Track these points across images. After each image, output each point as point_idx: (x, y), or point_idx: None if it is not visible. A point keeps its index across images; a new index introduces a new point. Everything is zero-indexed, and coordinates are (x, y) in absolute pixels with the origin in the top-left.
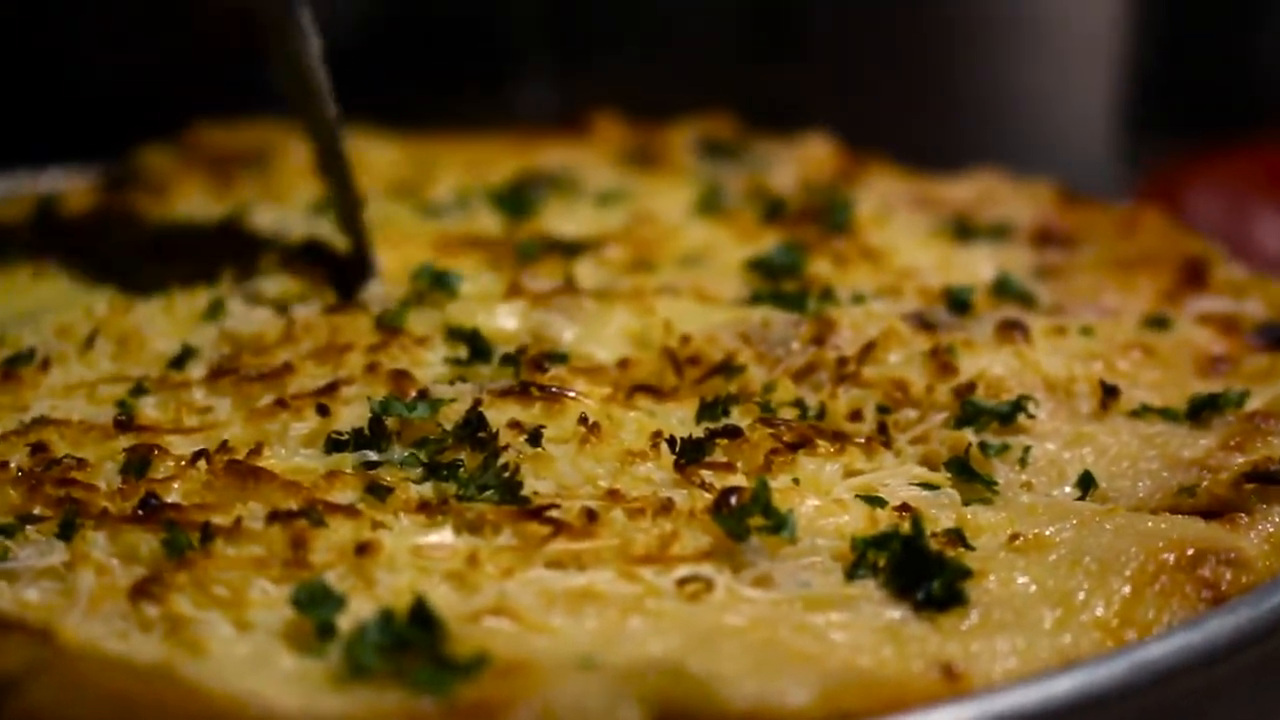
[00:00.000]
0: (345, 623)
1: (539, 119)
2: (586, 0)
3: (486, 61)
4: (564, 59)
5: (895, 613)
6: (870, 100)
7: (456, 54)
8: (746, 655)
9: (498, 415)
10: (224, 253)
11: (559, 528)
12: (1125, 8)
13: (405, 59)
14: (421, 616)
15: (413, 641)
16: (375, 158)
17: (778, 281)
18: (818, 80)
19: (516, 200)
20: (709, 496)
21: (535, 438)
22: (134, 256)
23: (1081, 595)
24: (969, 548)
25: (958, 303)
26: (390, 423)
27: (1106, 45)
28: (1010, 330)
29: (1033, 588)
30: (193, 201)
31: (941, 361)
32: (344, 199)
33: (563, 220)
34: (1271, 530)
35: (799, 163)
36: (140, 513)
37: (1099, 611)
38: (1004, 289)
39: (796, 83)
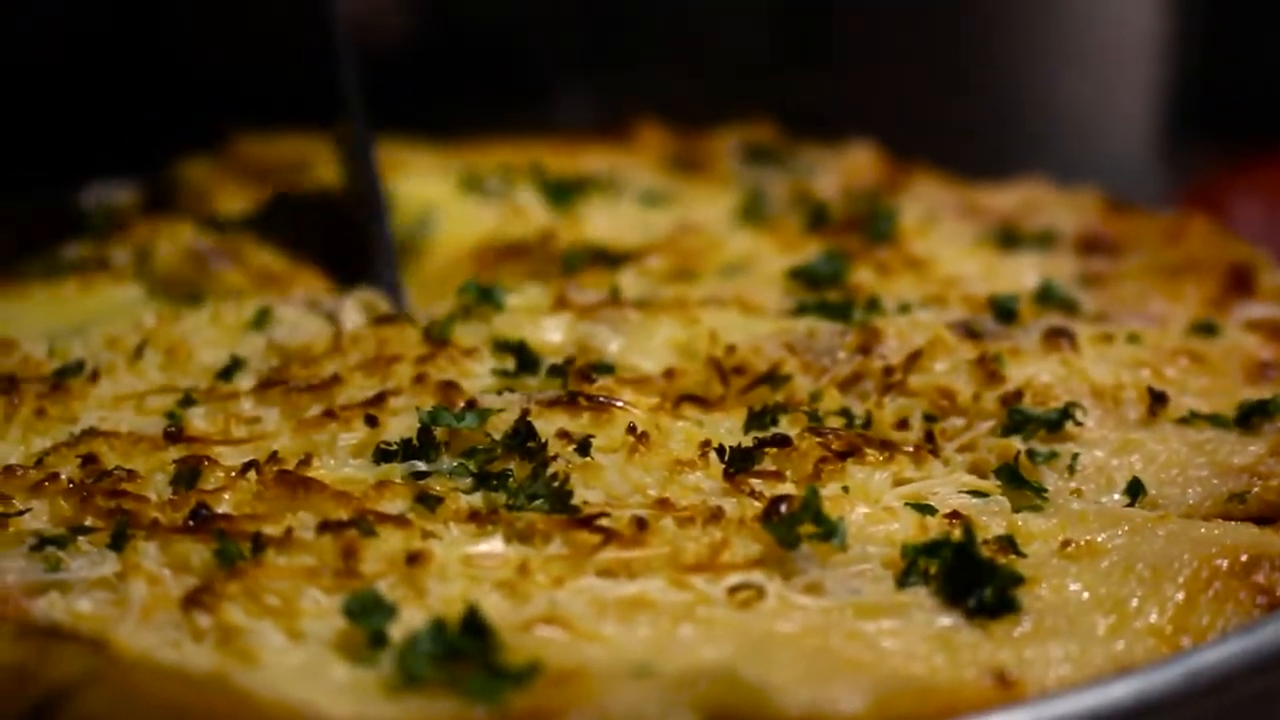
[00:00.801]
0: (397, 632)
1: (577, 130)
2: (622, 13)
3: (524, 75)
4: (600, 71)
5: (947, 620)
6: (907, 109)
7: (495, 68)
8: (799, 662)
9: (546, 425)
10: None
11: (609, 536)
12: (1166, 14)
13: (445, 73)
14: (474, 625)
15: (465, 650)
16: (419, 159)
17: (821, 291)
18: (854, 90)
19: (562, 190)
20: (759, 505)
21: (584, 447)
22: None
23: (1135, 602)
24: (1020, 555)
25: (1004, 311)
26: (439, 433)
27: (1148, 52)
28: (1057, 338)
29: (1085, 594)
30: (233, 214)
31: (988, 370)
32: (368, 215)
33: (605, 223)
34: None
35: (842, 170)
36: (191, 523)
37: (1153, 618)
38: (1049, 297)
39: (832, 93)
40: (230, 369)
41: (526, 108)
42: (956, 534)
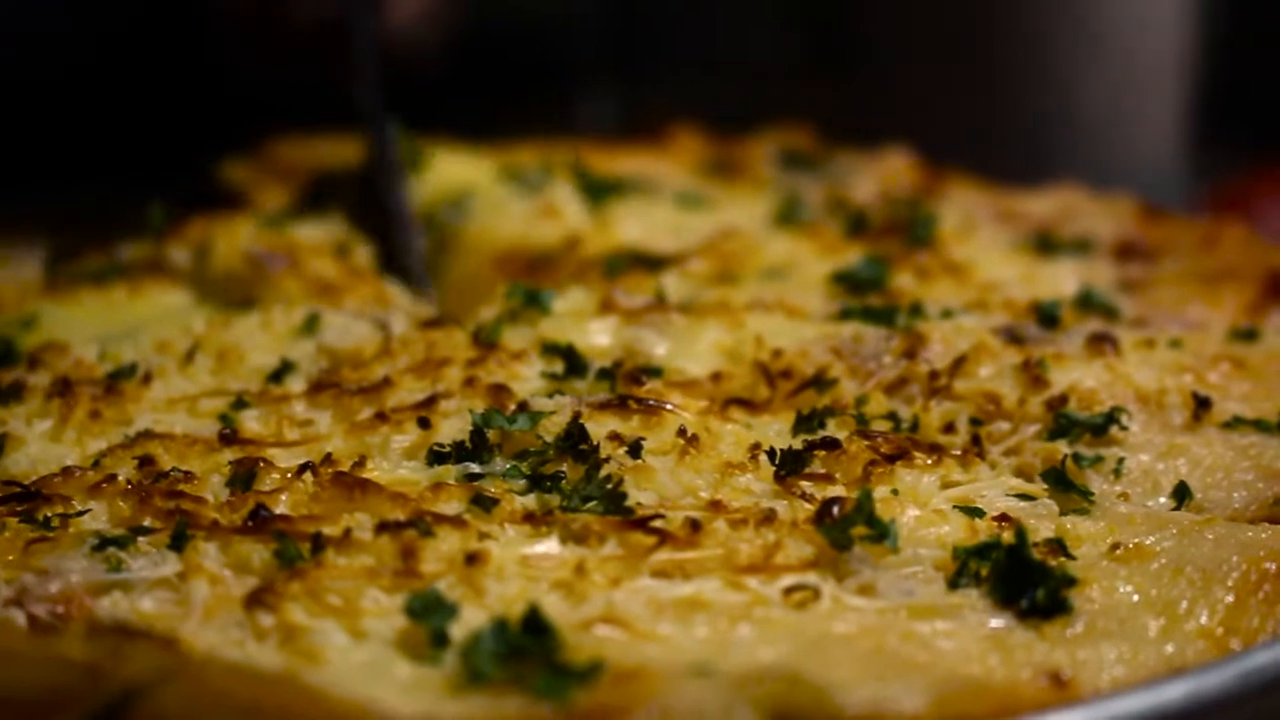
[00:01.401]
0: (458, 631)
1: (611, 134)
2: (648, 20)
3: (551, 80)
4: (625, 78)
5: (1000, 621)
6: (935, 116)
7: (523, 73)
8: (857, 663)
9: (597, 428)
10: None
11: (664, 538)
12: (1194, 22)
13: (474, 78)
14: (535, 625)
15: (528, 649)
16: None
17: (863, 295)
18: (882, 99)
19: (598, 190)
20: (810, 507)
21: (635, 450)
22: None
23: (1185, 604)
24: (1070, 557)
25: (1046, 316)
26: (491, 435)
27: (1176, 59)
28: (1100, 343)
29: (1136, 597)
30: (274, 216)
31: (1033, 375)
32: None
33: (640, 226)
34: None
35: (878, 175)
36: (250, 524)
37: (1203, 620)
38: (1088, 302)
39: (859, 100)
40: (281, 372)
41: (552, 115)
42: (1006, 536)
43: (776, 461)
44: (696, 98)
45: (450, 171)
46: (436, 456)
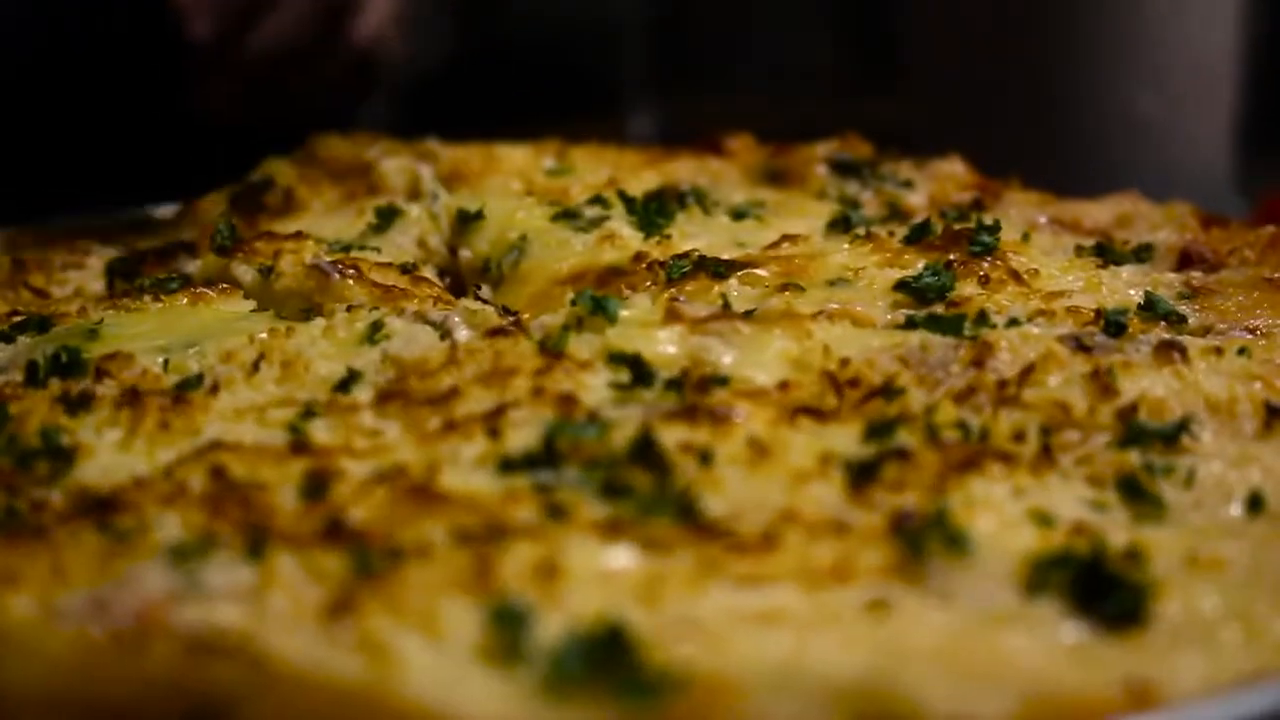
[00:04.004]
0: (539, 641)
1: (667, 142)
2: (693, 37)
3: (599, 93)
4: (669, 91)
5: (1078, 630)
6: (982, 129)
7: (572, 87)
8: (938, 672)
9: (667, 437)
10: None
11: (739, 547)
12: (1243, 34)
13: (525, 91)
14: (616, 635)
15: (609, 660)
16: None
17: (927, 304)
18: (926, 110)
19: (653, 212)
20: (884, 516)
21: (706, 459)
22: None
23: (1263, 614)
24: (1145, 567)
25: (1113, 325)
26: (562, 445)
27: (1225, 72)
28: (1169, 351)
29: (1213, 607)
30: (323, 218)
31: (1102, 383)
32: None
33: (698, 235)
34: None
35: (934, 184)
36: (325, 534)
37: None
38: (1153, 310)
39: (902, 114)
40: (348, 382)
41: (599, 123)
42: (1081, 546)
43: (848, 471)
44: (742, 112)
45: (505, 218)
46: (507, 466)
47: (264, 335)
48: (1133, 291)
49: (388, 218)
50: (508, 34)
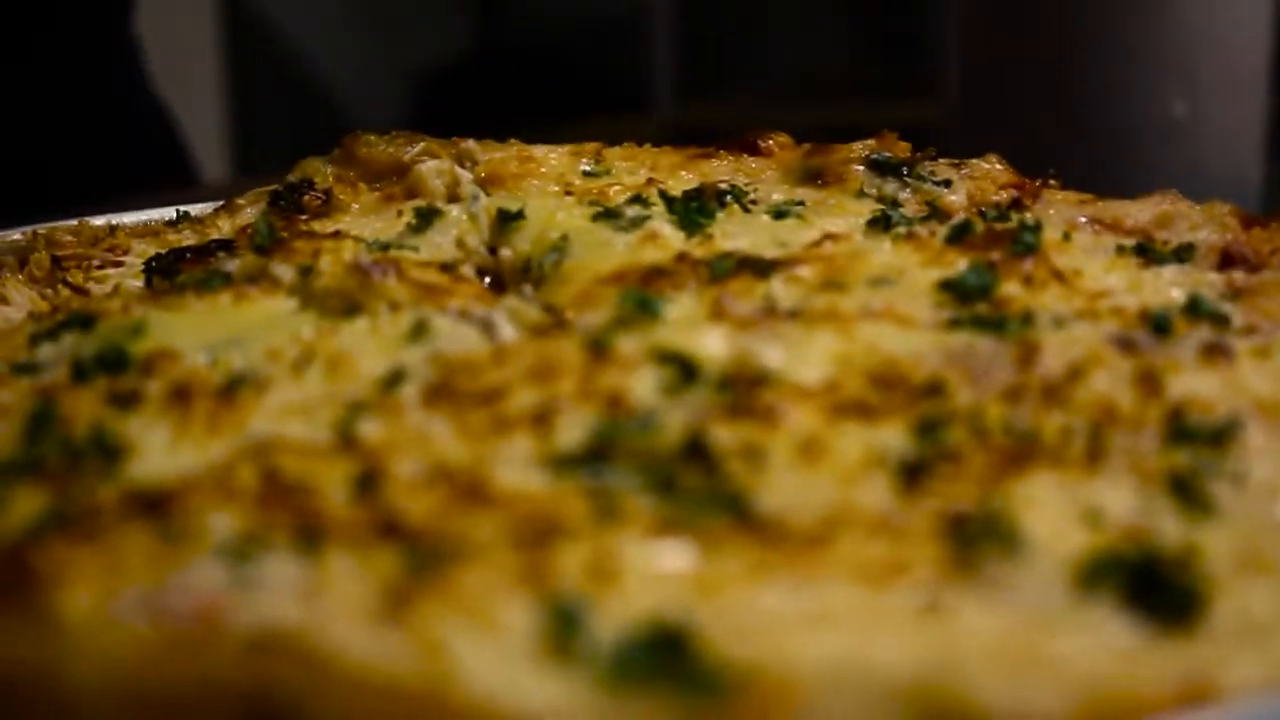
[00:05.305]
0: (595, 640)
1: (704, 141)
2: (716, 39)
3: (623, 95)
4: (692, 92)
5: (1133, 630)
6: (1012, 131)
7: (596, 89)
8: (995, 671)
9: (717, 436)
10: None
11: (792, 546)
12: (1275, 34)
13: (548, 89)
14: (673, 633)
15: (666, 658)
16: (550, 157)
17: (971, 303)
18: (957, 111)
19: (694, 211)
20: (936, 515)
21: (756, 457)
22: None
23: None
24: (1198, 567)
25: (1158, 325)
26: (611, 443)
27: (1257, 72)
28: (1215, 351)
29: (1268, 607)
30: (361, 219)
31: (1149, 383)
32: None
33: (739, 234)
34: None
35: (973, 183)
36: (379, 531)
37: None
38: (1196, 310)
39: (931, 114)
40: (394, 380)
41: (622, 122)
42: (1133, 545)
43: (898, 470)
44: (760, 119)
45: (545, 218)
46: (558, 465)
47: (309, 333)
48: (1175, 292)
49: (427, 218)
50: (530, 30)
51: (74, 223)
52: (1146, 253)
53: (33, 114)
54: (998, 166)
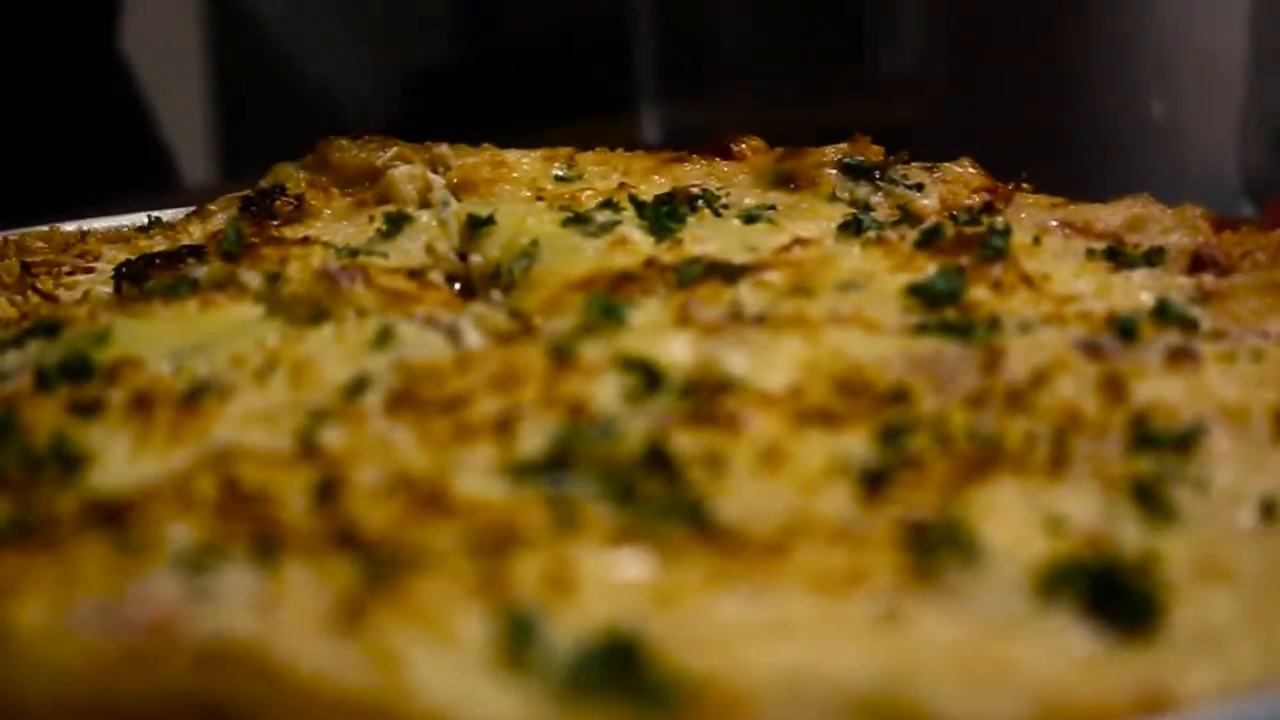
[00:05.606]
0: (548, 651)
1: (675, 145)
2: (701, 41)
3: (610, 95)
4: (679, 95)
5: (1091, 638)
6: (989, 134)
7: (585, 89)
8: (951, 680)
9: (678, 443)
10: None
11: (750, 555)
12: (1253, 36)
13: (537, 91)
14: (627, 643)
15: (620, 668)
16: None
17: (939, 308)
18: (933, 116)
19: (665, 216)
20: (896, 523)
21: (717, 465)
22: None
23: (1277, 621)
24: (1158, 574)
25: (1124, 330)
26: (572, 451)
27: (1234, 73)
28: (1181, 357)
29: (1227, 615)
30: (333, 225)
31: (1114, 388)
32: None
33: (710, 239)
34: None
35: (945, 186)
36: (335, 541)
37: None
38: (1165, 314)
39: (906, 121)
40: (357, 387)
41: (610, 125)
42: (1094, 552)
43: (859, 477)
44: (746, 119)
45: (516, 224)
46: (518, 473)
47: (274, 340)
48: (1144, 295)
49: (397, 224)
50: (514, 33)
51: (45, 229)
52: (1117, 256)
53: (15, 120)
54: (970, 170)
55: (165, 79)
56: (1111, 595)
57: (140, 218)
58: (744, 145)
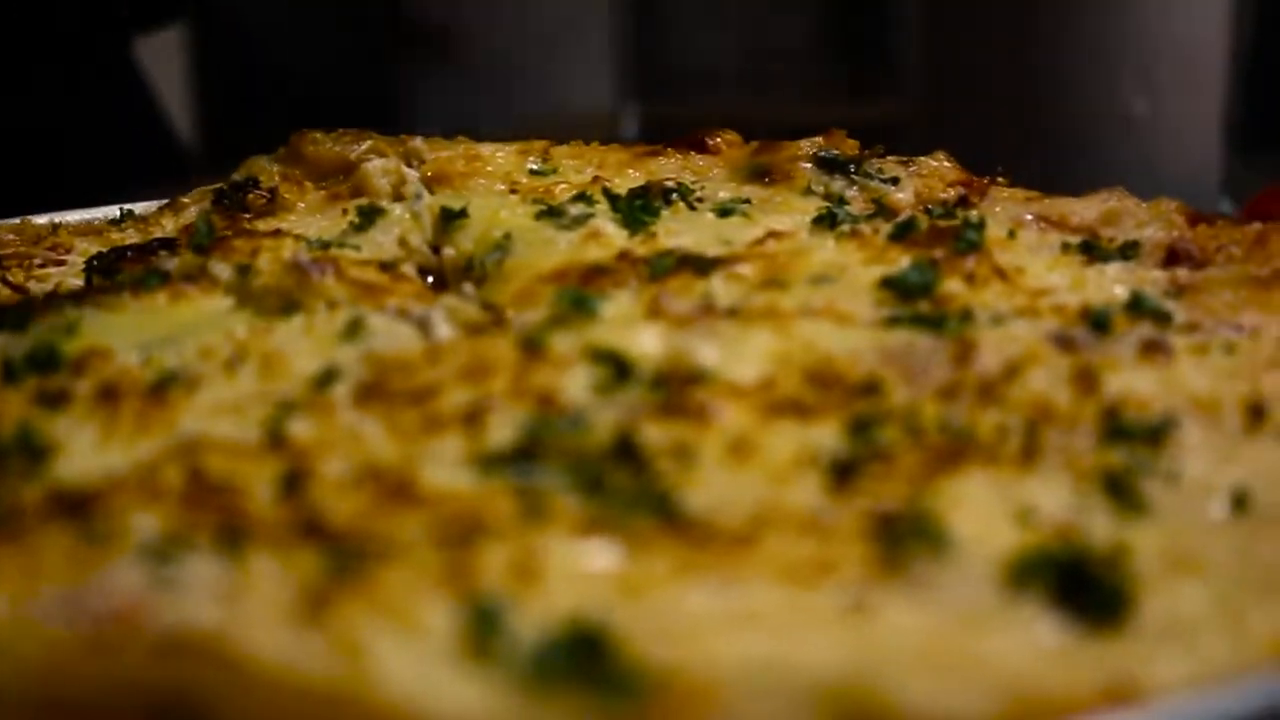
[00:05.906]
0: (513, 641)
1: (651, 140)
2: (679, 36)
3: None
4: (654, 93)
5: (1060, 629)
6: (968, 127)
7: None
8: (918, 672)
9: (648, 434)
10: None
11: (718, 546)
12: (1232, 33)
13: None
14: (592, 634)
15: (585, 659)
16: (498, 155)
17: (912, 301)
18: (911, 108)
19: (638, 210)
20: (865, 515)
21: (686, 456)
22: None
23: (1248, 613)
24: (1128, 565)
25: (1097, 322)
26: (541, 442)
27: (1213, 70)
28: (1153, 349)
29: (1197, 606)
30: (307, 218)
31: (1086, 381)
32: None
33: (683, 232)
34: None
35: (920, 180)
36: (303, 532)
37: (1267, 629)
38: (1139, 307)
39: (887, 111)
40: (326, 379)
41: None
42: (1063, 544)
43: (829, 469)
44: (723, 116)
45: (489, 216)
46: (487, 464)
47: (243, 332)
48: (1119, 289)
49: (369, 216)
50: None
51: (16, 221)
52: (1091, 250)
53: (30, 118)
54: (946, 164)
55: (148, 68)
56: (1081, 586)
57: (112, 210)
58: (719, 139)
